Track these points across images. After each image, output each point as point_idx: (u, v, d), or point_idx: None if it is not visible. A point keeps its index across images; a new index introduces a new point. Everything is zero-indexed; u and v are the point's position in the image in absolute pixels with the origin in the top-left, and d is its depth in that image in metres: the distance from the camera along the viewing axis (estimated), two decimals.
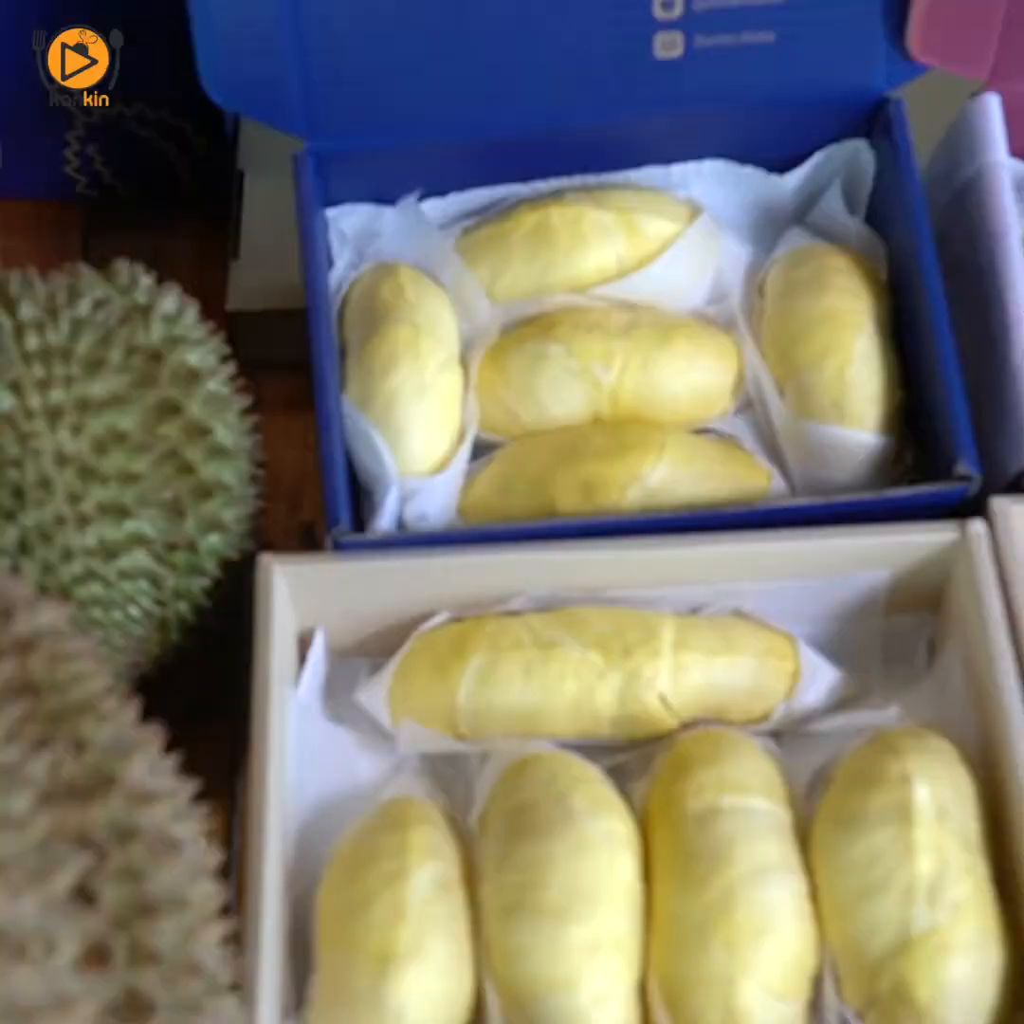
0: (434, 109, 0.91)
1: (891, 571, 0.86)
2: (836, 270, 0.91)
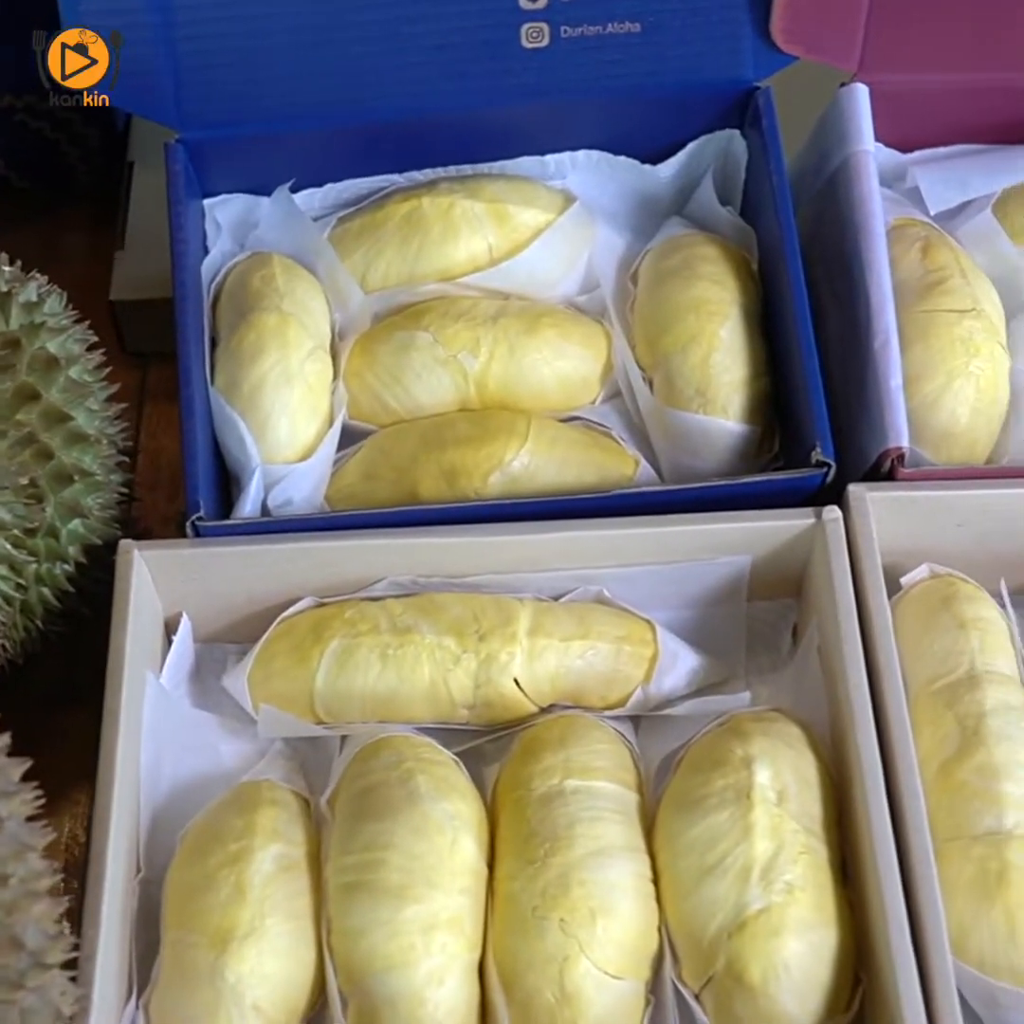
0: (307, 99, 0.91)
1: (752, 557, 0.86)
2: (704, 259, 0.91)
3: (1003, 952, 0.75)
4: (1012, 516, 0.86)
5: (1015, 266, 0.93)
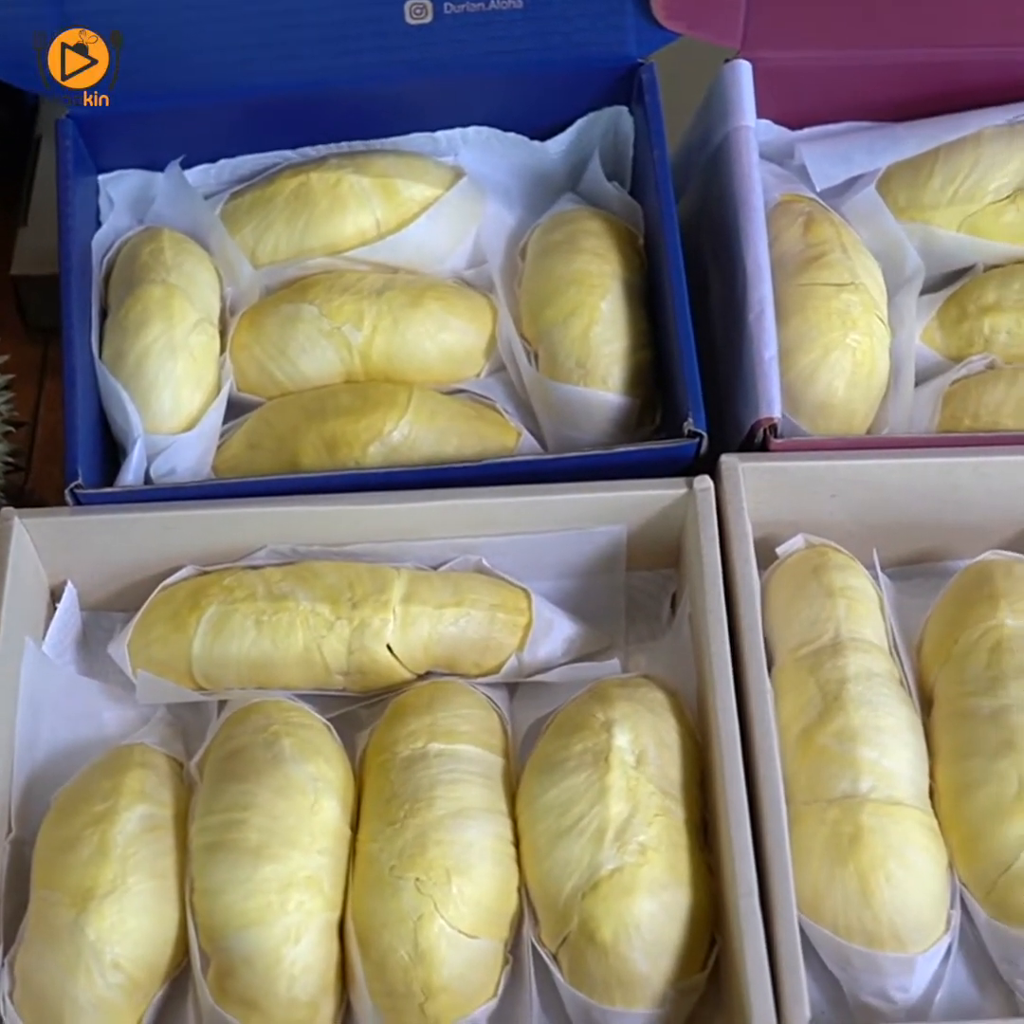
0: (198, 75, 0.92)
1: (627, 526, 0.87)
2: (587, 233, 0.92)
3: (856, 914, 0.76)
4: (885, 487, 0.86)
5: (898, 241, 0.94)
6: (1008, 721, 0.78)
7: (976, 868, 0.78)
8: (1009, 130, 0.94)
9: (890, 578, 0.90)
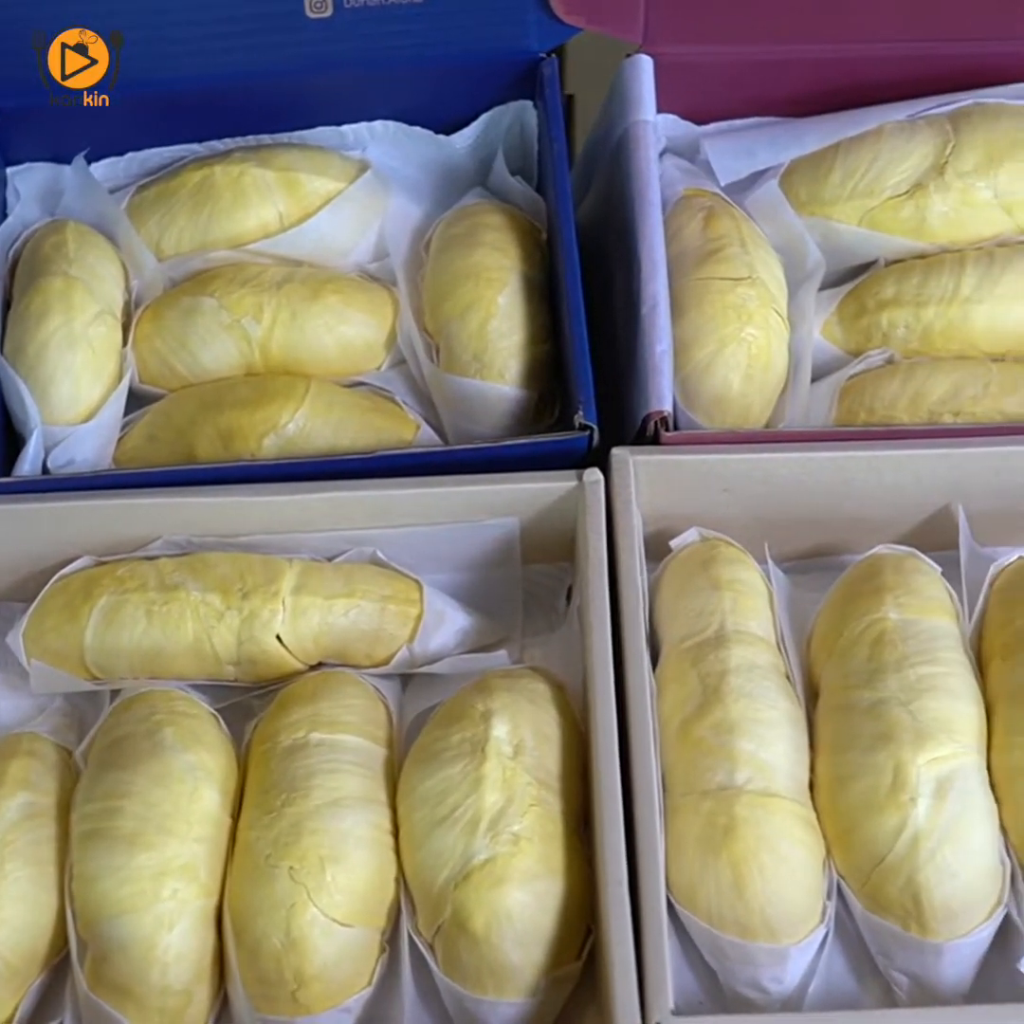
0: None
1: (520, 519, 0.88)
2: (488, 227, 0.93)
3: (729, 905, 0.76)
4: (777, 481, 0.87)
5: (799, 236, 0.94)
6: (885, 714, 0.79)
7: (851, 860, 0.78)
8: (910, 126, 0.95)
9: (788, 572, 0.91)
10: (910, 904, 0.76)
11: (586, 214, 1.01)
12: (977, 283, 0.91)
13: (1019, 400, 0.90)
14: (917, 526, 0.90)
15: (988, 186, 0.93)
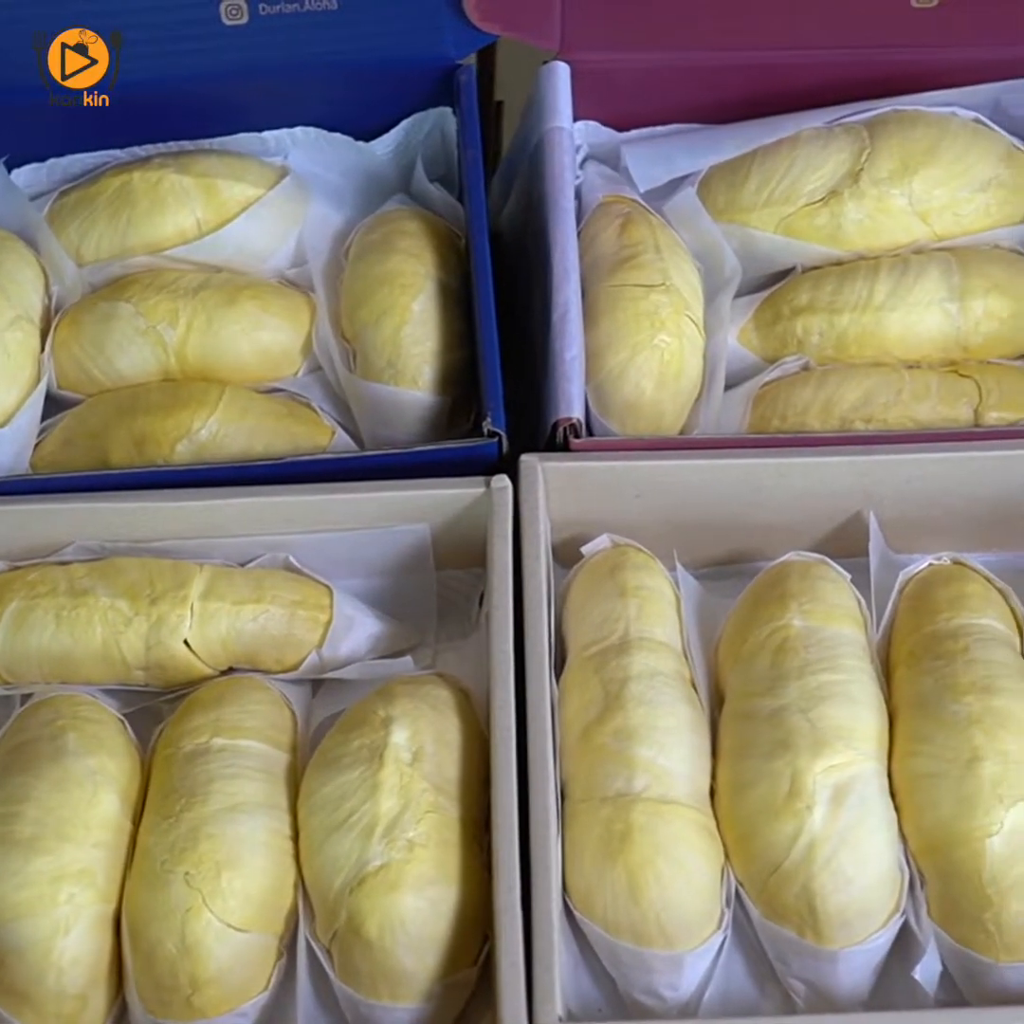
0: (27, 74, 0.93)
1: (432, 525, 0.88)
2: (404, 234, 0.93)
3: (624, 911, 0.76)
4: (687, 487, 0.87)
5: (716, 243, 0.94)
6: (784, 722, 0.79)
7: (749, 867, 0.78)
8: (827, 132, 0.95)
9: (702, 578, 0.91)
10: (805, 911, 0.76)
11: (508, 220, 1.01)
12: (891, 290, 0.92)
13: (931, 407, 0.90)
14: (830, 533, 0.91)
15: (903, 193, 0.93)
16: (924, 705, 0.81)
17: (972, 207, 0.94)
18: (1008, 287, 0.92)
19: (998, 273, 0.93)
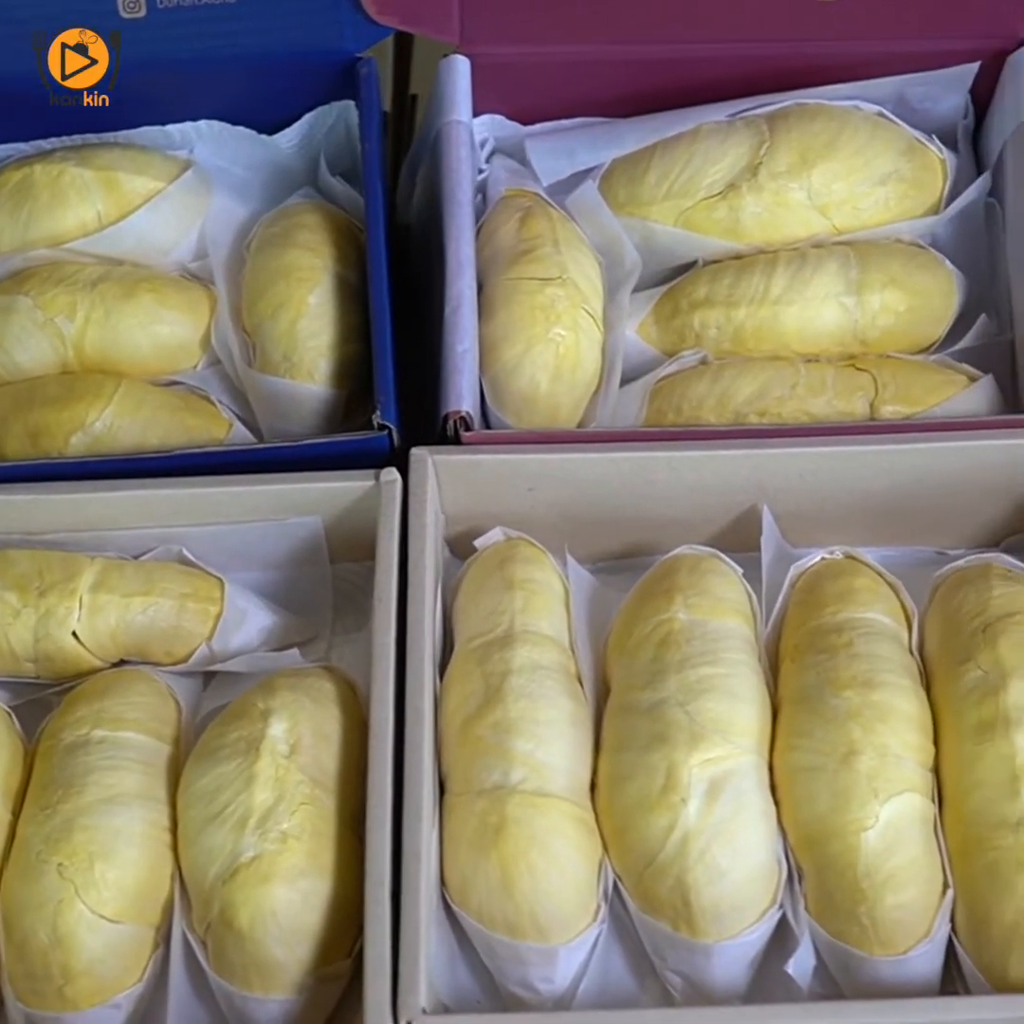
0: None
1: (323, 518, 0.88)
2: (303, 227, 0.93)
3: (498, 904, 0.76)
4: (580, 481, 0.87)
5: (617, 236, 0.94)
6: (663, 715, 0.79)
7: (625, 860, 0.78)
8: (727, 126, 0.95)
9: (599, 572, 0.91)
10: (680, 904, 0.76)
11: (413, 214, 1.01)
12: (787, 284, 0.92)
13: (827, 401, 0.90)
14: (726, 526, 0.90)
15: (801, 187, 0.93)
16: (805, 699, 0.81)
17: (871, 201, 0.94)
18: (906, 281, 0.92)
19: (896, 267, 0.93)
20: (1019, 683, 0.78)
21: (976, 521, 0.92)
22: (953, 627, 0.83)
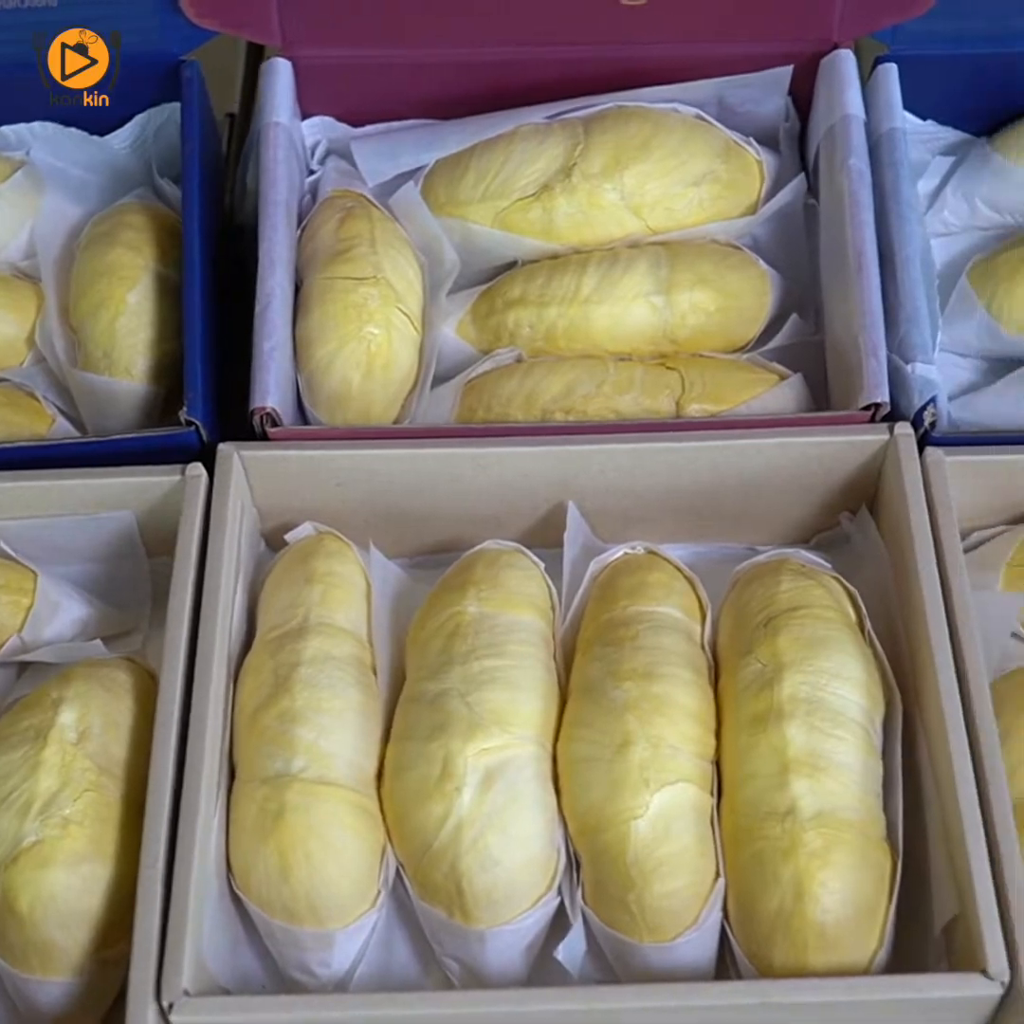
0: None
1: (135, 512, 0.89)
2: (127, 227, 0.95)
3: (276, 890, 0.77)
4: (386, 477, 0.88)
5: (436, 237, 0.96)
6: (444, 705, 0.80)
7: (405, 848, 0.80)
8: (545, 128, 0.96)
9: (413, 567, 0.93)
10: (453, 891, 0.77)
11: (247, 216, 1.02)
12: (597, 284, 0.93)
13: (633, 399, 0.91)
14: (536, 523, 0.92)
15: (614, 188, 0.94)
16: (588, 691, 0.82)
17: (686, 201, 0.95)
18: (716, 281, 0.94)
19: (707, 267, 0.94)
20: (794, 676, 0.80)
21: (786, 518, 0.93)
22: (741, 621, 0.85)
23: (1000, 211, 0.99)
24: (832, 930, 0.75)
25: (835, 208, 0.92)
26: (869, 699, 0.81)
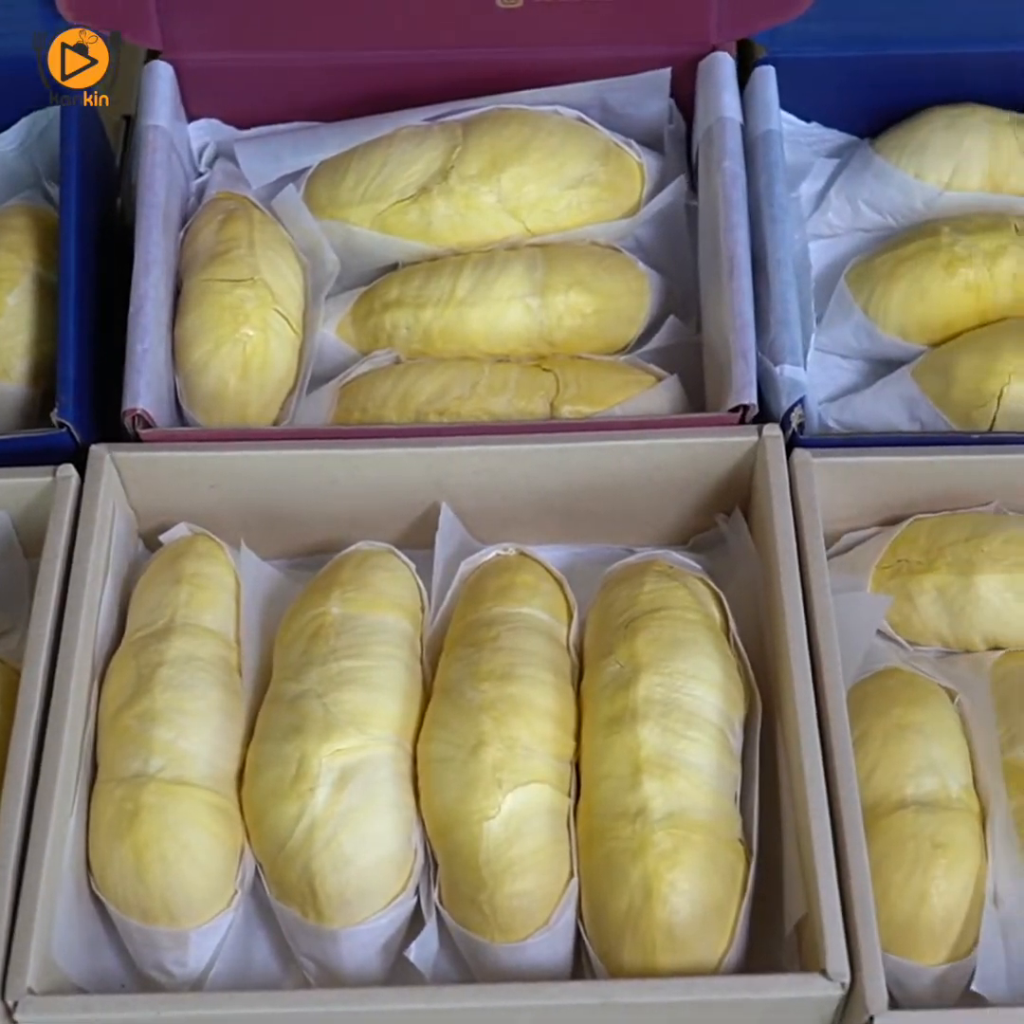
0: None
1: (10, 513, 0.90)
2: (10, 229, 0.96)
3: (131, 889, 0.78)
4: (260, 478, 0.89)
5: (317, 239, 0.96)
6: (302, 706, 0.81)
7: (262, 848, 0.80)
8: (424, 130, 0.97)
9: (294, 568, 0.94)
10: (307, 891, 0.78)
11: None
12: (472, 286, 0.93)
13: (508, 400, 0.91)
14: (412, 524, 0.92)
15: (491, 190, 0.95)
16: (448, 691, 0.82)
17: (564, 204, 0.95)
18: (592, 283, 0.94)
19: (583, 269, 0.94)
20: (650, 678, 0.80)
21: (663, 519, 0.93)
22: (604, 622, 0.85)
23: (882, 213, 1.00)
24: (680, 930, 0.75)
25: (710, 210, 0.93)
26: (727, 701, 0.81)
